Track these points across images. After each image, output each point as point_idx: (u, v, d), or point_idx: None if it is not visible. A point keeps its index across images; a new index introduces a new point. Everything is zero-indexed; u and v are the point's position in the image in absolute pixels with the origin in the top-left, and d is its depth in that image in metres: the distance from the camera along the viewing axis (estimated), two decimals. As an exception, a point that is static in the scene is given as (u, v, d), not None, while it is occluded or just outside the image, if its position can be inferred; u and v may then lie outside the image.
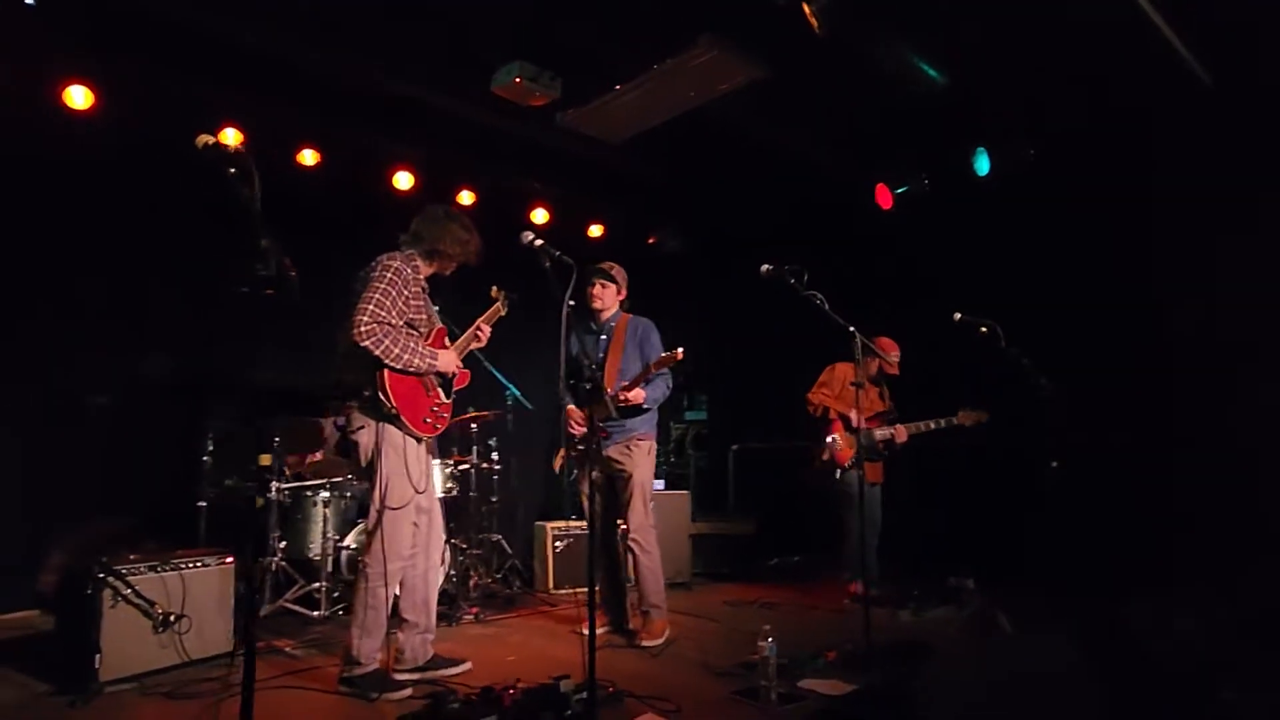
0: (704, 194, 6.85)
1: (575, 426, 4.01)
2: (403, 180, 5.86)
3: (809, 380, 5.31)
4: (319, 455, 4.85)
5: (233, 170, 1.95)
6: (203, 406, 4.62)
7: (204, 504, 4.44)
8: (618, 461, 4.07)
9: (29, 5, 4.03)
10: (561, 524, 5.62)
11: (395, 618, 3.28)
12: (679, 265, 7.29)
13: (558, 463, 4.30)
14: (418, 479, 3.19)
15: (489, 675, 3.18)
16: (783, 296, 3.60)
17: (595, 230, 7.01)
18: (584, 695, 2.66)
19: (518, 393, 5.35)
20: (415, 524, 3.24)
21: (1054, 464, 4.17)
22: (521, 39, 4.51)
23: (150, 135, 4.73)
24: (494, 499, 5.42)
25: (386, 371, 3.10)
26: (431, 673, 3.27)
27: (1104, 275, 5.08)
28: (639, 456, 4.07)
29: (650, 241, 7.20)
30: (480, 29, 4.47)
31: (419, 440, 3.25)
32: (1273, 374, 4.34)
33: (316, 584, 4.37)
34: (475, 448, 5.18)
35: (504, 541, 5.47)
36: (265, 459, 4.15)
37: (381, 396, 3.12)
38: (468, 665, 3.41)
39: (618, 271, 4.28)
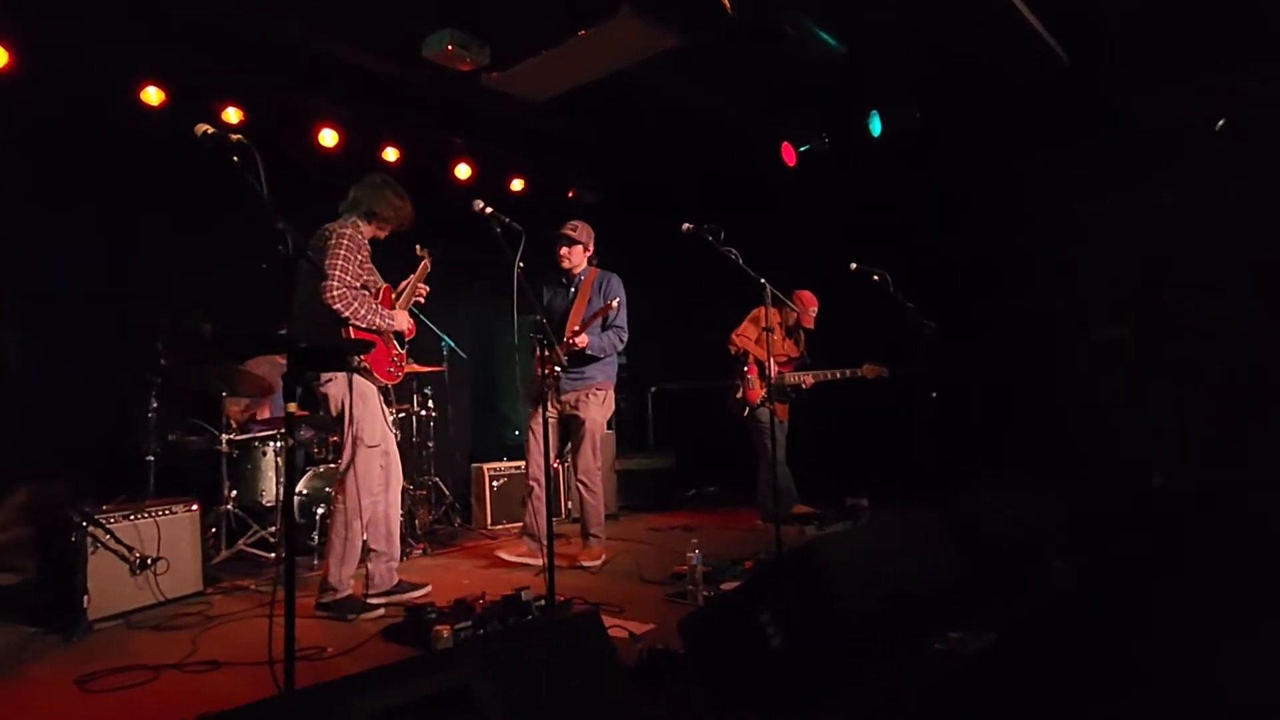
0: (621, 149, 7.16)
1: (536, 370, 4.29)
2: (328, 137, 5.95)
3: (721, 326, 5.73)
4: (267, 413, 5.05)
5: (235, 158, 2.20)
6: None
7: (152, 459, 4.63)
8: (574, 406, 4.42)
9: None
10: (496, 465, 6.03)
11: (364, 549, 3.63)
12: (598, 218, 7.59)
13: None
14: (385, 422, 3.52)
15: (448, 597, 3.50)
16: (697, 249, 3.91)
17: (517, 184, 7.23)
18: (542, 602, 3.12)
19: (452, 343, 5.66)
20: (380, 465, 3.57)
21: (933, 394, 4.80)
22: (450, 3, 4.71)
23: (71, 93, 4.73)
24: (431, 444, 5.76)
25: (351, 329, 3.38)
26: (398, 596, 3.64)
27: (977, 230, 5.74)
28: (594, 404, 4.42)
29: (570, 195, 7.48)
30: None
31: (382, 389, 3.57)
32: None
33: (272, 528, 4.64)
34: (415, 396, 5.49)
35: (441, 483, 5.83)
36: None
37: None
38: (429, 588, 3.79)
39: (581, 231, 4.54)
